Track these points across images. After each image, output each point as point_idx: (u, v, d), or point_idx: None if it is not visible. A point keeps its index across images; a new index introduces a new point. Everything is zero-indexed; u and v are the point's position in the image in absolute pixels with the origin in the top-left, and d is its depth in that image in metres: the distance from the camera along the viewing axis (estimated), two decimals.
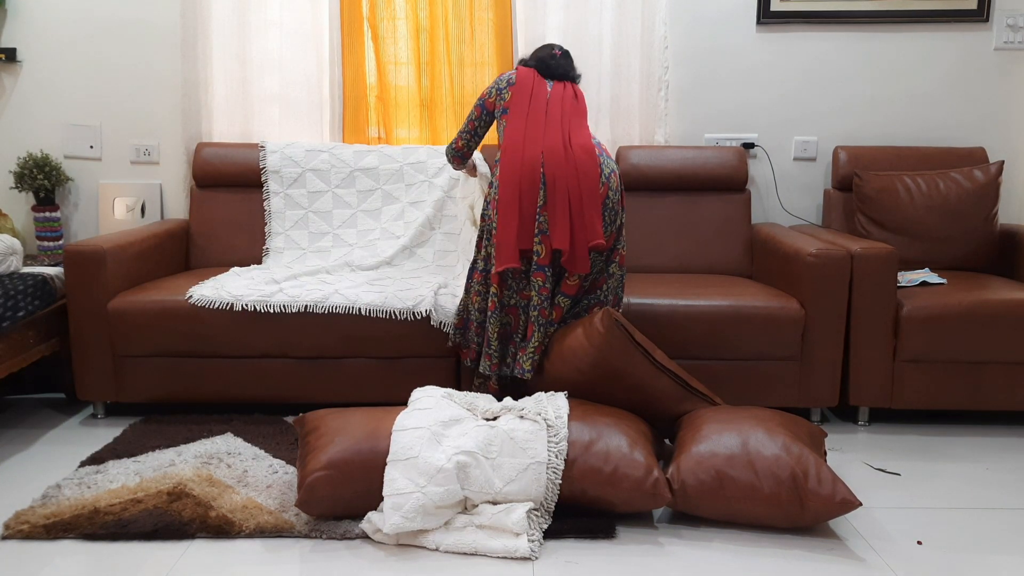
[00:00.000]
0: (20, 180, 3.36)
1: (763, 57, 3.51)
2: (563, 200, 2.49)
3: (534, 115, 2.60)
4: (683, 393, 2.44)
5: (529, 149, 2.54)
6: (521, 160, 2.52)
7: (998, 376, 2.80)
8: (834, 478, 2.07)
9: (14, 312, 2.67)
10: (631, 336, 2.41)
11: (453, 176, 3.35)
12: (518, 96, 2.64)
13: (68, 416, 2.97)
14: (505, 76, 2.72)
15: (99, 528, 2.10)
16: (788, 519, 2.09)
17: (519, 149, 2.54)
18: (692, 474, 2.12)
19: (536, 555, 2.01)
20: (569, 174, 2.50)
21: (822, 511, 2.06)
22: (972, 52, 3.50)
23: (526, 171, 2.51)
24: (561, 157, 2.52)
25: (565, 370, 2.47)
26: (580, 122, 2.64)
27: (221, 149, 3.43)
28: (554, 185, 2.49)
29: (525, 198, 2.50)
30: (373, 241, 3.32)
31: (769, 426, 2.21)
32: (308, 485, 2.10)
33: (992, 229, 3.22)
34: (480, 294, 2.65)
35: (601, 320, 2.41)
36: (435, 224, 3.34)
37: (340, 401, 2.74)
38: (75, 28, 3.43)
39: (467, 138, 2.77)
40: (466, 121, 2.77)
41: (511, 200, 2.50)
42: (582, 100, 2.70)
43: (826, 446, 2.44)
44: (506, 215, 2.50)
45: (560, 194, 2.49)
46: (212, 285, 2.86)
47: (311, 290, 2.82)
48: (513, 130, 2.59)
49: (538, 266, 2.52)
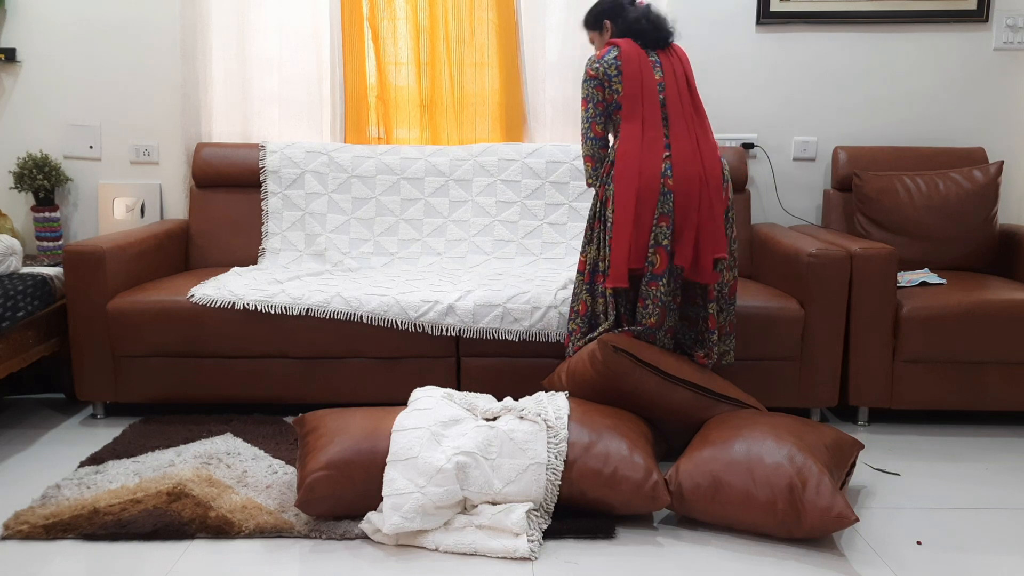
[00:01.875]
0: (20, 180, 3.36)
1: (763, 57, 3.51)
2: (693, 216, 2.38)
3: (650, 112, 2.42)
4: (707, 402, 2.41)
5: (648, 157, 2.39)
6: (639, 171, 2.38)
7: (998, 376, 2.80)
8: (833, 491, 2.00)
9: (14, 312, 2.67)
10: (636, 358, 2.39)
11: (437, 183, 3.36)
12: (629, 86, 2.43)
13: (68, 416, 2.97)
14: (609, 58, 2.45)
15: (99, 528, 2.10)
16: (784, 529, 2.05)
17: (635, 158, 2.39)
18: (689, 477, 2.12)
19: (536, 555, 2.01)
20: (700, 187, 2.37)
21: (818, 524, 2.00)
22: (972, 52, 3.50)
23: (644, 182, 2.37)
24: (691, 168, 2.38)
25: (579, 392, 2.47)
26: (703, 117, 2.49)
27: (221, 149, 3.43)
28: (685, 199, 2.37)
29: (643, 215, 2.38)
30: (366, 255, 3.32)
31: (780, 434, 2.17)
32: (308, 485, 2.10)
33: (992, 229, 3.22)
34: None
35: (600, 350, 2.39)
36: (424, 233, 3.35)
37: (340, 401, 2.73)
38: (75, 28, 3.42)
39: (598, 144, 2.51)
40: (584, 118, 2.51)
41: (626, 220, 2.37)
42: (692, 76, 2.52)
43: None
44: (620, 234, 2.38)
45: (691, 210, 2.37)
46: (214, 285, 2.86)
47: (319, 289, 2.82)
48: (629, 135, 2.42)
49: (653, 276, 2.42)
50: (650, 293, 2.43)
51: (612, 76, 2.45)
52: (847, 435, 2.34)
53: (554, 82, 3.50)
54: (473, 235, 3.35)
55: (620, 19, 2.55)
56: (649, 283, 2.43)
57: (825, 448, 2.19)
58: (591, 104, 2.51)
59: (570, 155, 3.36)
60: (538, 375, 2.74)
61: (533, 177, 3.36)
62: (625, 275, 2.40)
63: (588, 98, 2.51)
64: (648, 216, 2.39)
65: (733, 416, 2.34)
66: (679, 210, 2.39)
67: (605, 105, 2.49)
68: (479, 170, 3.38)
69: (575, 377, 2.48)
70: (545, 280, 2.95)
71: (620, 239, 2.40)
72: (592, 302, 2.54)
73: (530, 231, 3.35)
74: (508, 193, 3.37)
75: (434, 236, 3.36)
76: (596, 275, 2.52)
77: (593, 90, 2.50)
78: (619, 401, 2.42)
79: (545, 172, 3.36)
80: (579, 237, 3.30)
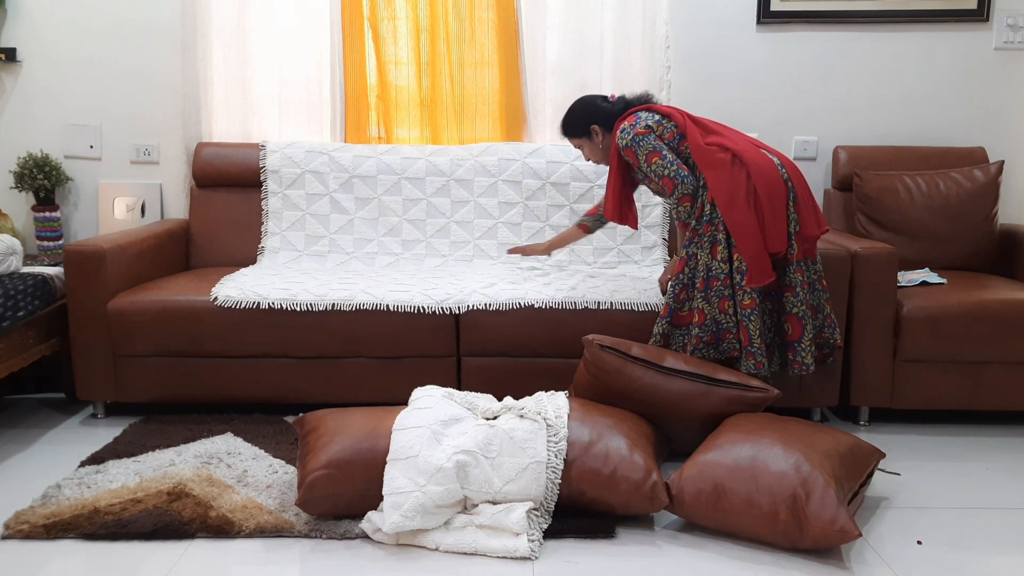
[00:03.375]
0: (20, 180, 3.36)
1: (763, 57, 3.51)
2: (805, 190, 2.54)
3: (714, 124, 2.60)
4: (703, 388, 2.38)
5: (751, 153, 2.49)
6: (757, 162, 2.47)
7: (998, 376, 2.80)
8: (838, 504, 1.96)
9: (14, 312, 2.67)
10: (625, 354, 2.41)
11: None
12: (676, 115, 2.59)
13: (68, 416, 2.97)
14: (642, 120, 2.58)
15: (99, 528, 2.10)
16: (787, 539, 2.02)
17: (752, 151, 2.51)
18: (692, 483, 2.10)
19: (536, 555, 2.01)
20: (792, 167, 2.56)
21: (820, 537, 1.96)
22: (972, 52, 3.49)
23: (763, 172, 2.47)
24: (780, 156, 2.56)
25: (579, 396, 2.49)
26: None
27: (221, 149, 3.43)
28: (796, 179, 2.53)
29: (775, 204, 2.46)
30: (371, 255, 3.32)
31: (790, 441, 2.13)
32: (308, 484, 2.10)
33: (992, 229, 3.22)
34: (729, 298, 2.50)
35: (587, 349, 2.45)
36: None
37: (340, 401, 2.73)
38: (75, 28, 3.43)
39: (692, 180, 2.53)
40: (663, 166, 2.52)
41: (749, 215, 2.44)
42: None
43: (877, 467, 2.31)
44: (748, 229, 2.44)
45: (804, 184, 2.55)
46: (233, 286, 2.85)
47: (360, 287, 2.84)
48: (719, 140, 2.53)
49: (797, 263, 2.50)
50: (797, 280, 2.50)
51: (651, 124, 2.56)
52: (866, 443, 2.31)
53: (554, 82, 3.50)
54: (477, 237, 3.35)
55: (603, 117, 2.68)
56: (796, 270, 2.50)
57: (839, 456, 2.14)
58: (664, 151, 2.54)
59: (570, 155, 3.36)
60: (538, 375, 2.75)
61: (534, 178, 3.36)
62: (770, 267, 2.44)
63: (656, 149, 2.54)
64: (781, 204, 2.46)
65: (746, 420, 2.29)
66: (799, 190, 2.52)
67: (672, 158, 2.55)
68: (480, 170, 3.38)
69: (577, 386, 2.52)
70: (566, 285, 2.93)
71: (750, 233, 2.44)
72: (710, 309, 2.51)
73: (533, 233, 3.35)
74: (510, 194, 3.37)
75: (438, 237, 3.36)
76: (712, 280, 2.50)
77: (656, 141, 2.55)
78: (616, 401, 2.42)
79: (546, 173, 3.36)
80: (580, 241, 3.30)
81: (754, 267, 2.43)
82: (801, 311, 2.51)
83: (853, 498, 2.13)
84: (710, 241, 2.50)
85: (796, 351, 2.54)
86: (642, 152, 2.54)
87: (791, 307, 2.52)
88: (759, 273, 2.43)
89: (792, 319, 2.52)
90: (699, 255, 2.52)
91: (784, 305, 2.54)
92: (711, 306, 2.51)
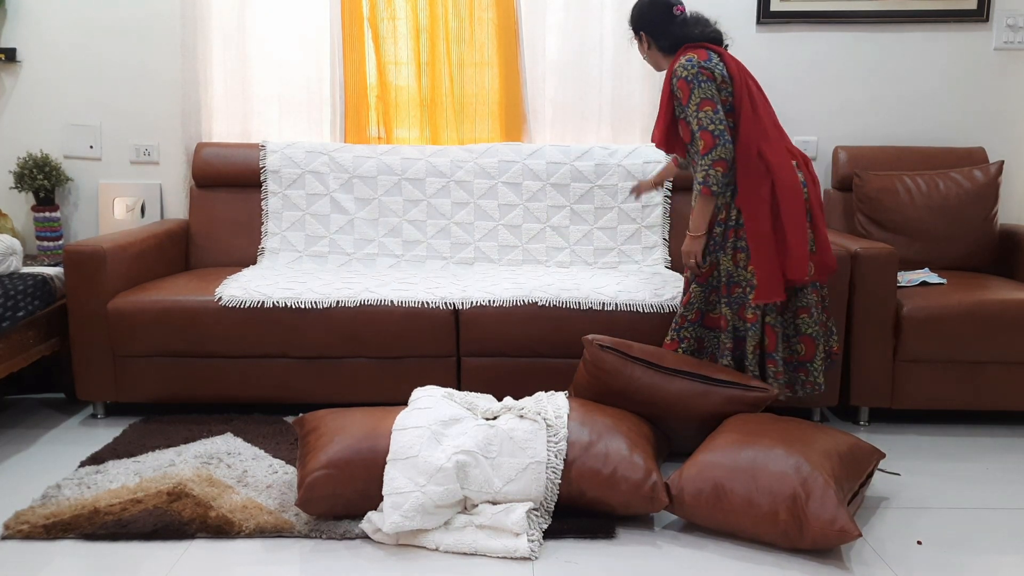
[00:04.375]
0: (20, 180, 3.36)
1: (763, 57, 3.50)
2: (820, 210, 2.48)
3: (763, 110, 2.43)
4: (703, 388, 2.38)
5: (785, 172, 2.39)
6: (786, 183, 2.38)
7: (998, 376, 2.80)
8: (837, 505, 1.97)
9: (14, 312, 2.67)
10: (625, 354, 2.41)
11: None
12: (739, 86, 2.40)
13: (68, 416, 2.97)
14: (714, 62, 2.39)
15: (99, 528, 2.10)
16: (787, 540, 2.02)
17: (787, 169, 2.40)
18: (691, 483, 2.10)
19: (536, 555, 2.01)
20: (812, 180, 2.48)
21: (819, 537, 1.96)
22: (972, 52, 3.49)
23: (786, 183, 2.38)
24: (808, 172, 2.48)
25: (579, 396, 2.48)
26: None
27: (221, 149, 3.43)
28: (814, 192, 2.46)
29: (798, 228, 2.40)
30: (371, 256, 3.32)
31: (791, 442, 2.13)
32: (308, 484, 2.10)
33: (992, 229, 3.22)
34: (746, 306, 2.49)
35: (587, 350, 2.45)
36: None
37: (340, 401, 2.73)
38: (75, 28, 3.42)
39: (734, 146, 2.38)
40: (711, 119, 2.34)
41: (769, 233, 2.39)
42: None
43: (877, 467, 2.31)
44: (765, 246, 2.39)
45: (820, 204, 2.48)
46: (236, 285, 2.85)
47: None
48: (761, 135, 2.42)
49: (813, 284, 2.48)
50: (812, 300, 2.48)
51: (725, 77, 2.41)
52: (866, 443, 2.31)
53: (554, 82, 3.50)
54: (478, 239, 3.35)
55: (659, 32, 2.52)
56: (811, 291, 2.48)
57: (839, 456, 2.14)
58: (719, 106, 2.36)
59: (570, 156, 3.36)
60: (538, 375, 2.75)
61: (534, 179, 3.36)
62: (782, 286, 2.40)
63: (712, 99, 2.36)
64: (799, 217, 2.41)
65: (746, 420, 2.30)
66: (814, 206, 2.47)
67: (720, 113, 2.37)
68: (480, 172, 3.38)
69: (577, 387, 2.52)
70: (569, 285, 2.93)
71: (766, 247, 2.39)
72: (732, 315, 2.50)
73: (533, 235, 3.35)
74: (510, 196, 3.36)
75: (438, 238, 3.36)
76: (733, 286, 2.49)
77: (715, 90, 2.37)
78: (616, 401, 2.42)
79: (546, 174, 3.36)
80: (581, 242, 3.30)
81: (764, 284, 2.40)
82: (815, 331, 2.51)
83: (853, 498, 2.13)
84: (732, 247, 2.48)
85: (809, 371, 2.55)
86: (697, 95, 2.36)
87: (806, 328, 2.51)
88: (768, 291, 2.41)
89: (807, 340, 2.52)
90: (722, 260, 2.50)
91: (799, 327, 2.53)
92: (732, 312, 2.50)
